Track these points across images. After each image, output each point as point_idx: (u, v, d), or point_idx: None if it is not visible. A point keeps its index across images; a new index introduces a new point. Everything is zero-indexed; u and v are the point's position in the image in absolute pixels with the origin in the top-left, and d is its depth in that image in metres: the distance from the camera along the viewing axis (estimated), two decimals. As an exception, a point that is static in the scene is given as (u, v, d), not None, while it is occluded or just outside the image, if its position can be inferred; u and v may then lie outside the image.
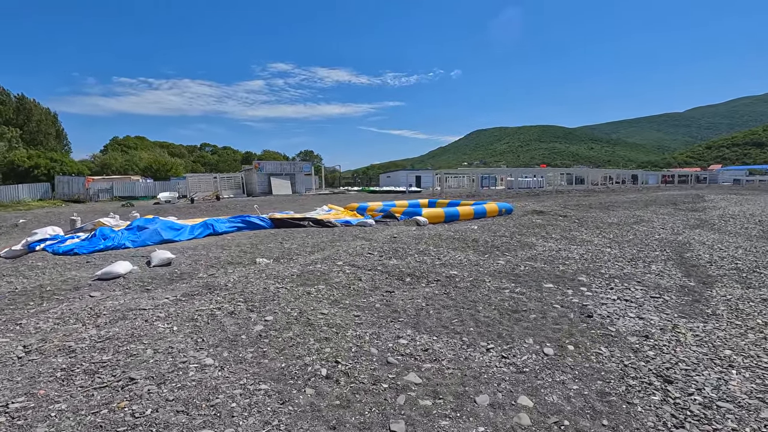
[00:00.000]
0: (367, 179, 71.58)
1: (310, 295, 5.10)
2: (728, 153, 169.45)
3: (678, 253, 7.70)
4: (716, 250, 8.09)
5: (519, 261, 6.98)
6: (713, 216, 16.31)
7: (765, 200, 27.09)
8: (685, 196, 29.19)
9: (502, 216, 15.26)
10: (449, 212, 14.20)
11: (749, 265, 6.73)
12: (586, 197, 28.02)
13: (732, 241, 9.77)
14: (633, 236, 9.99)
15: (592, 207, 18.98)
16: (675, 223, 13.42)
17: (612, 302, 4.72)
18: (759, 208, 20.40)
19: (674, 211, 17.76)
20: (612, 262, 6.90)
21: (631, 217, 14.43)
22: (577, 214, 15.49)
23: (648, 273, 6.15)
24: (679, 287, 5.40)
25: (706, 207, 20.13)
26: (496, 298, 4.90)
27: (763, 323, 4.07)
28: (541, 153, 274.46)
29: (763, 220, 15.54)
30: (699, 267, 6.61)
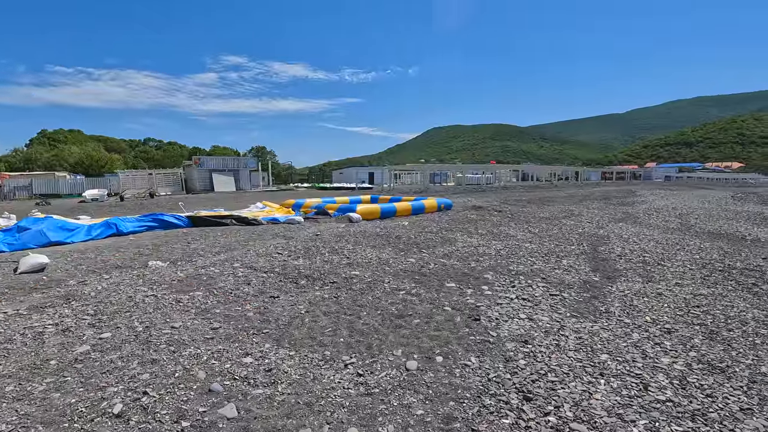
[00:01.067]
0: (320, 176, 70.33)
1: (178, 304, 4.42)
2: (662, 152, 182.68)
3: (593, 247, 7.68)
4: (630, 243, 8.17)
5: (432, 258, 6.62)
6: (639, 210, 17.02)
7: (689, 195, 29.01)
8: (619, 191, 30.70)
9: (441, 211, 15.06)
10: (385, 208, 13.79)
11: (656, 257, 6.76)
12: (529, 192, 28.73)
13: (648, 234, 10.02)
14: (558, 230, 10.00)
15: (530, 202, 19.30)
16: (602, 217, 13.78)
17: (508, 302, 4.41)
18: (682, 203, 21.68)
19: (605, 206, 18.41)
20: (526, 257, 6.70)
21: (562, 212, 14.68)
22: (513, 209, 15.59)
23: (557, 269, 5.97)
24: (582, 283, 5.21)
25: (635, 202, 21.11)
26: (386, 301, 4.45)
27: (651, 320, 3.88)
28: (494, 151, 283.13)
29: (683, 214, 16.39)
30: (608, 261, 6.55)
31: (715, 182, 67.22)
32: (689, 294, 4.73)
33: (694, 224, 13.44)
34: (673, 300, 4.49)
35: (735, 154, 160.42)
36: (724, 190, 42.65)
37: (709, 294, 4.73)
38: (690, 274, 5.71)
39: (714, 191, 37.50)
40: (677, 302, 4.41)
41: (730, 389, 2.63)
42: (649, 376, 2.78)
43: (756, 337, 3.49)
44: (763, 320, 3.89)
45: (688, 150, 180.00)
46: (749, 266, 6.17)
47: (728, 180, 75.78)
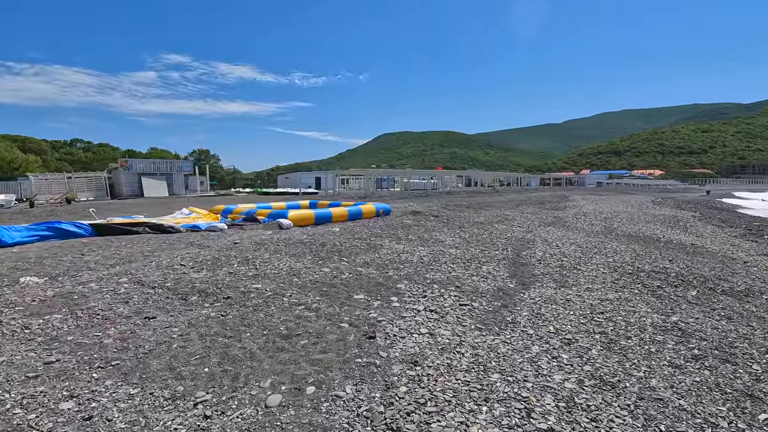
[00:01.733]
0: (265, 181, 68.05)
1: (23, 332, 3.66)
2: (595, 160, 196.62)
3: (517, 252, 7.65)
4: (553, 247, 8.26)
5: (350, 267, 6.22)
6: (569, 214, 17.77)
7: (616, 200, 31.01)
8: (554, 196, 32.23)
9: (379, 217, 14.76)
10: (320, 214, 13.27)
11: (573, 262, 6.81)
12: (471, 198, 29.35)
13: (572, 237, 10.29)
14: (488, 235, 10.00)
15: (469, 207, 19.56)
16: (533, 221, 14.14)
17: (413, 315, 4.08)
18: (608, 207, 23.03)
19: (538, 210, 19.07)
20: (448, 264, 6.49)
21: (497, 217, 14.92)
22: (451, 214, 15.63)
23: (475, 275, 5.78)
24: (496, 291, 5.03)
25: (567, 206, 22.12)
26: (279, 319, 3.97)
27: (554, 330, 3.71)
28: (443, 157, 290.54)
29: (607, 217, 17.30)
30: (528, 266, 6.49)
31: (639, 188, 73.03)
32: (597, 299, 4.67)
33: (617, 227, 14.14)
34: (580, 306, 4.39)
35: (657, 163, 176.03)
36: (646, 195, 46.30)
37: (615, 299, 4.70)
38: (601, 278, 5.74)
39: (638, 196, 40.54)
40: (583, 309, 4.31)
41: (617, 409, 2.42)
42: (536, 398, 2.52)
43: (651, 345, 3.40)
44: (661, 325, 3.84)
45: (617, 158, 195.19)
46: (656, 268, 6.35)
47: (651, 186, 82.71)
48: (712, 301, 4.88)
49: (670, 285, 5.50)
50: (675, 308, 4.45)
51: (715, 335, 3.64)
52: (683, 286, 5.47)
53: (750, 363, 3.11)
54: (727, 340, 3.54)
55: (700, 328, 3.81)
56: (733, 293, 5.31)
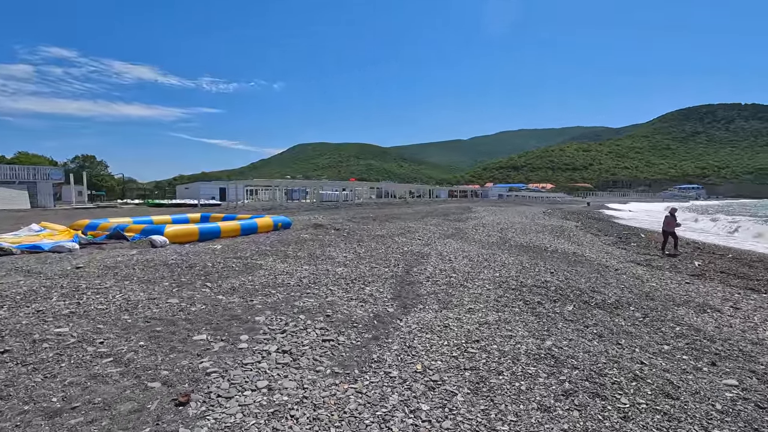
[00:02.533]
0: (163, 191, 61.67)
1: None
2: (497, 174, 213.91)
3: (408, 269, 7.23)
4: (446, 261, 8.03)
5: (208, 294, 5.20)
6: (470, 226, 18.33)
7: (513, 211, 33.32)
8: (459, 208, 33.68)
9: (277, 231, 13.65)
10: (205, 230, 11.81)
11: (462, 278, 6.55)
12: (380, 209, 29.31)
13: (468, 249, 10.31)
14: (384, 249, 9.55)
15: (375, 219, 19.25)
16: (434, 233, 14.18)
17: (258, 361, 3.27)
18: (505, 218, 24.45)
19: (442, 222, 19.43)
20: (328, 286, 5.78)
21: (400, 229, 14.70)
22: (354, 226, 15.08)
23: (354, 299, 5.14)
24: (371, 318, 4.43)
25: (469, 218, 22.99)
26: (63, 381, 2.88)
27: (421, 369, 3.17)
28: (359, 168, 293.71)
29: (503, 228, 18.16)
30: (415, 284, 6.06)
31: (534, 200, 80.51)
32: (476, 323, 4.30)
33: (510, 238, 14.77)
34: (457, 334, 3.95)
35: (548, 177, 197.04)
36: (539, 206, 50.90)
37: (495, 321, 4.38)
38: (486, 295, 5.48)
39: (532, 207, 44.30)
40: (459, 337, 3.88)
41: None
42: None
43: (523, 380, 3.01)
44: (535, 353, 3.53)
45: (516, 173, 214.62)
46: (539, 282, 6.33)
47: (543, 198, 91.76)
48: (586, 316, 4.81)
49: (549, 300, 5.41)
50: (551, 328, 4.24)
51: (587, 361, 3.40)
52: (561, 300, 5.41)
53: (618, 395, 2.85)
54: (597, 366, 3.31)
55: (573, 353, 3.56)
56: (605, 306, 5.37)
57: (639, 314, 5.15)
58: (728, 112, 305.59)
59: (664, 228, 13.92)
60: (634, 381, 3.07)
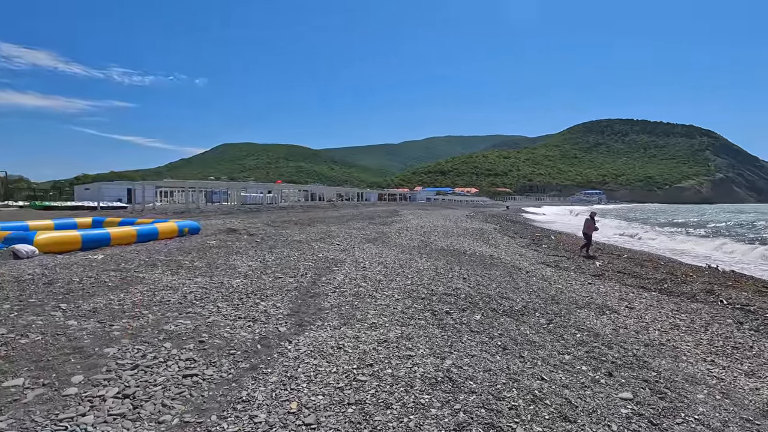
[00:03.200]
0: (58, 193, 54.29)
1: None
2: (426, 178, 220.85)
3: (316, 278, 6.65)
4: (359, 269, 7.57)
5: (54, 321, 4.18)
6: (394, 229, 18.18)
7: (438, 215, 34.12)
8: (386, 211, 33.74)
9: (183, 237, 12.28)
10: (91, 237, 10.18)
11: (372, 287, 6.13)
12: (306, 212, 28.32)
13: (386, 255, 9.98)
14: (296, 257, 8.87)
15: (297, 223, 18.37)
16: (356, 237, 13.74)
17: (82, 413, 2.51)
18: (430, 221, 24.81)
19: (366, 225, 19.08)
20: (216, 302, 5.01)
21: (320, 234, 14.05)
22: (271, 231, 14.12)
23: (242, 318, 4.46)
24: (254, 342, 3.79)
25: (394, 221, 22.94)
26: None
27: (296, 408, 2.62)
28: (289, 171, 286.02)
29: (427, 231, 18.27)
30: (319, 296, 5.50)
31: (459, 203, 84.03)
32: (375, 341, 3.86)
33: (432, 241, 14.80)
34: (350, 357, 3.47)
35: (473, 182, 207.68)
36: (463, 210, 53.06)
37: (396, 338, 3.98)
38: (392, 307, 5.09)
39: (456, 211, 45.96)
40: (352, 360, 3.40)
41: None
42: None
43: (413, 414, 2.59)
44: (432, 376, 3.15)
45: (443, 177, 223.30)
46: (449, 290, 6.11)
47: (468, 201, 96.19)
48: (493, 326, 4.62)
49: (458, 309, 5.16)
50: (456, 343, 3.93)
51: (486, 382, 3.10)
52: (470, 309, 5.20)
53: (515, 424, 2.54)
54: (496, 387, 3.01)
55: (473, 372, 3.24)
56: (512, 313, 5.25)
57: (544, 320, 5.09)
58: (623, 126, 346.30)
59: (585, 231, 14.82)
60: (533, 403, 2.81)
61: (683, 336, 5.33)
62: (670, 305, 7.18)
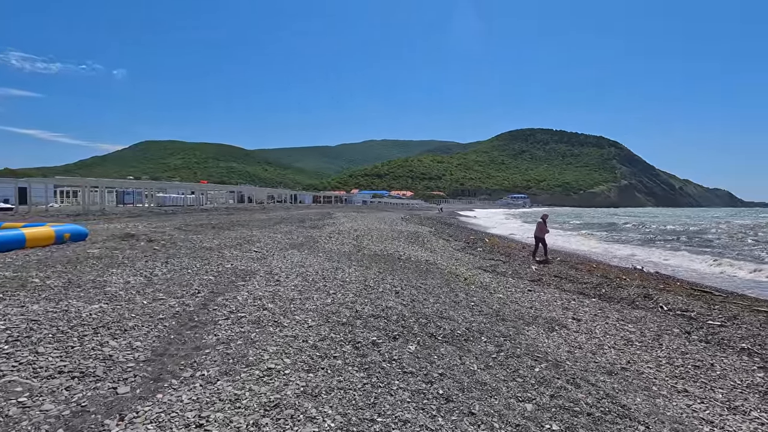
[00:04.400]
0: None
1: None
2: (362, 181, 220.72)
3: (210, 297, 5.18)
4: (272, 283, 6.20)
5: None
6: (325, 233, 16.82)
7: (373, 217, 33.20)
8: (319, 213, 32.15)
9: (62, 244, 9.97)
10: None
11: (281, 308, 4.82)
12: (230, 215, 25.89)
13: (309, 263, 8.67)
14: (196, 268, 7.25)
15: (216, 227, 16.32)
16: (280, 242, 12.22)
17: None
18: (365, 224, 23.73)
19: (295, 229, 17.51)
20: (40, 344, 3.42)
21: (238, 239, 12.32)
22: (179, 236, 12.12)
23: (63, 372, 2.95)
24: (54, 425, 2.36)
25: (326, 224, 21.53)
26: None
27: None
28: (219, 171, 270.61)
29: (360, 235, 17.14)
30: (205, 326, 4.08)
31: (395, 206, 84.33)
32: (262, 405, 2.59)
33: (365, 246, 13.69)
34: (211, 443, 2.18)
35: (408, 185, 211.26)
36: (399, 212, 52.81)
37: (295, 396, 2.74)
38: (302, 339, 3.84)
39: (392, 213, 45.46)
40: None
41: None
42: None
43: None
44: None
45: (380, 180, 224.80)
46: (378, 308, 4.98)
47: (403, 204, 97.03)
48: (432, 360, 3.56)
49: (388, 337, 4.05)
50: (381, 398, 2.79)
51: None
52: (403, 336, 4.11)
53: None
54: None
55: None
56: (454, 338, 4.25)
57: (492, 346, 4.15)
58: (544, 135, 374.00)
59: (536, 234, 14.44)
60: None
61: (641, 354, 4.69)
62: (613, 313, 6.69)
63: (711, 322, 6.19)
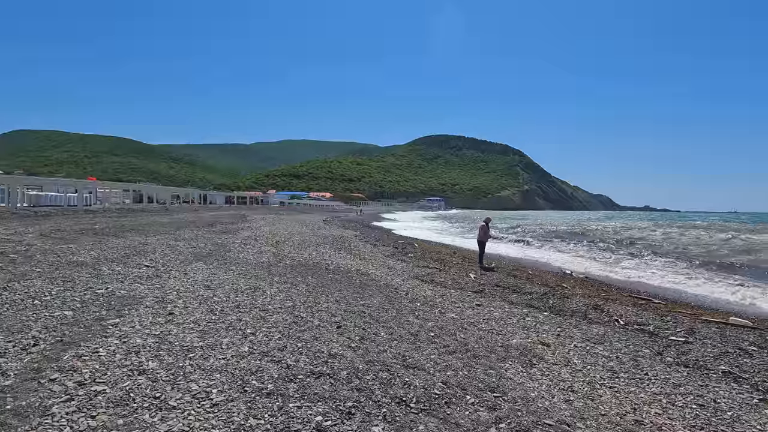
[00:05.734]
0: None
1: None
2: (280, 181, 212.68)
3: (52, 353, 3.35)
4: (157, 321, 4.41)
5: None
6: (239, 239, 14.68)
7: (293, 220, 31.03)
8: (232, 216, 29.14)
9: None
10: None
11: (171, 364, 3.18)
12: (122, 217, 22.01)
13: (220, 281, 6.87)
14: (56, 293, 5.14)
15: (98, 233, 13.33)
16: (180, 253, 10.03)
17: None
18: (284, 228, 21.70)
19: (203, 234, 15.06)
20: None
21: (127, 249, 9.88)
22: (42, 246, 9.33)
23: None
24: None
25: (241, 228, 19.17)
26: None
27: None
28: (115, 167, 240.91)
29: (281, 241, 15.26)
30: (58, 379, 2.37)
31: (314, 208, 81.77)
32: None
33: (287, 254, 12.00)
34: None
35: (327, 187, 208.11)
36: (320, 214, 50.85)
37: None
38: None
39: (313, 216, 43.45)
40: None
41: None
42: None
43: None
44: None
45: (298, 181, 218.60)
46: (317, 361, 3.52)
47: (323, 206, 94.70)
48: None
49: (341, 413, 2.68)
50: None
51: None
52: (362, 410, 2.78)
53: None
54: None
55: None
56: (431, 404, 3.01)
57: (485, 411, 3.00)
58: (458, 141, 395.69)
59: (480, 239, 13.86)
60: None
61: (636, 392, 3.93)
62: (574, 331, 6.05)
63: (674, 338, 5.80)
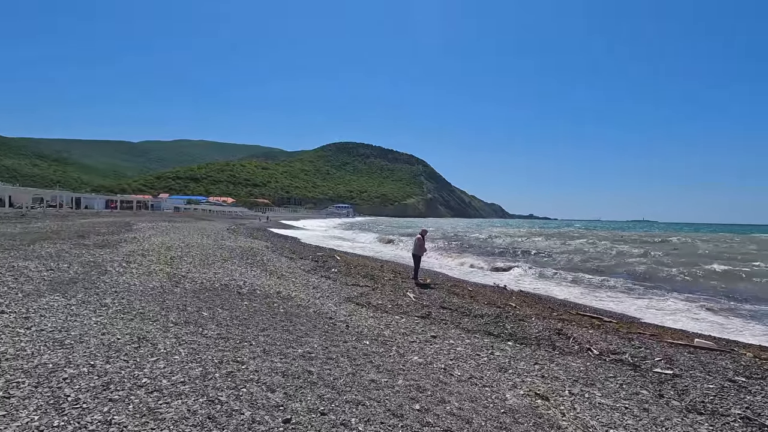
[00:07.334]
0: None
1: None
2: (174, 184, 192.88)
3: None
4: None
5: None
6: (120, 254, 11.67)
7: (191, 228, 27.13)
8: (112, 224, 24.40)
9: None
10: None
11: None
12: (-51, 227, 16.74)
13: (85, 327, 4.70)
14: None
15: None
16: (31, 277, 7.25)
17: None
18: (181, 238, 18.47)
19: (69, 249, 11.70)
20: None
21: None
22: None
23: None
24: None
25: (124, 240, 15.68)
26: None
27: None
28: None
29: (177, 256, 12.54)
30: None
31: (215, 214, 75.03)
32: None
33: (186, 274, 9.65)
34: None
35: (229, 191, 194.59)
36: (222, 221, 46.18)
37: None
38: None
39: (214, 223, 39.06)
40: None
41: None
42: None
43: None
44: None
45: (196, 184, 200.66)
46: None
47: (225, 212, 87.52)
48: None
49: None
50: None
51: None
52: None
53: None
54: None
55: None
56: None
57: None
58: (366, 150, 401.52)
59: (415, 252, 13.01)
60: None
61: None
62: (554, 368, 5.22)
63: (658, 371, 5.26)
